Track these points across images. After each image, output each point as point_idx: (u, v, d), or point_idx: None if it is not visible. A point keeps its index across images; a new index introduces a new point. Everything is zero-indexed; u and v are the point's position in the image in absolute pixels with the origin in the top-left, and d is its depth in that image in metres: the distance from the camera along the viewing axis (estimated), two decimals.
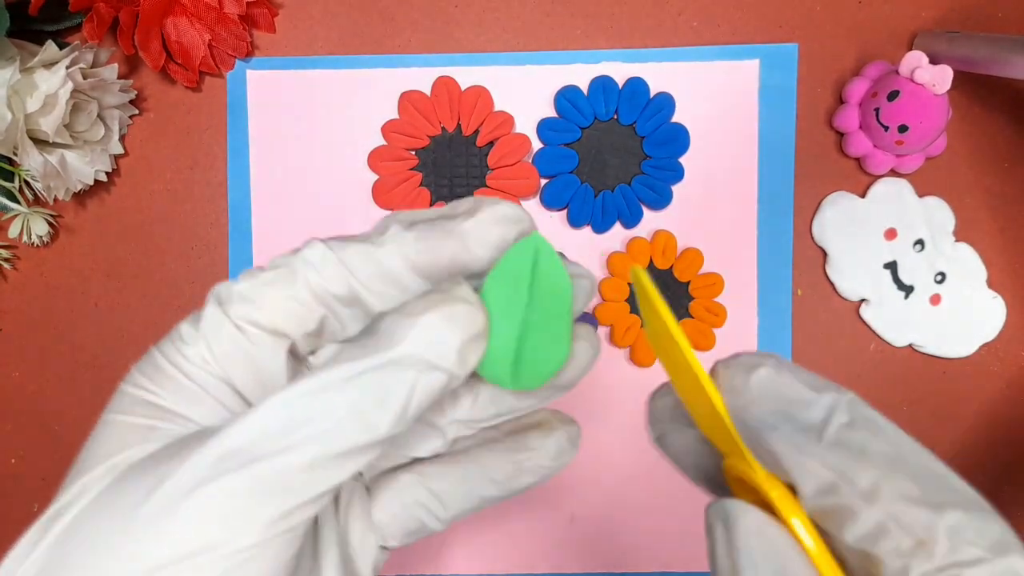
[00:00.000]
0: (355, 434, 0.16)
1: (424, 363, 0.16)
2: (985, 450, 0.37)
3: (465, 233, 0.18)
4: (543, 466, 0.21)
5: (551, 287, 0.18)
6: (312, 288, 0.18)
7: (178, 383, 0.18)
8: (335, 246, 0.18)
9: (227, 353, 0.18)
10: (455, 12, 0.36)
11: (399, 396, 0.16)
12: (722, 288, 0.36)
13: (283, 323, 0.18)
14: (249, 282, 0.18)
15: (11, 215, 0.35)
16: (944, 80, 0.32)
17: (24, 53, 0.32)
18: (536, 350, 0.18)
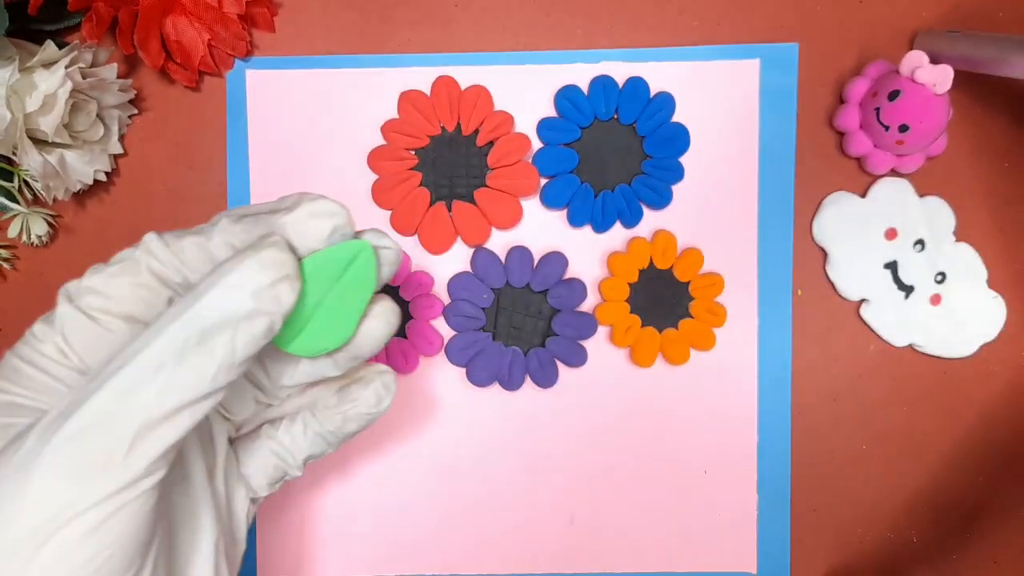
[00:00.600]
0: (185, 387, 0.17)
1: (242, 306, 0.18)
2: (985, 450, 0.37)
3: (283, 226, 0.20)
4: (364, 413, 0.25)
5: (358, 282, 0.22)
6: (155, 273, 0.20)
7: (36, 380, 0.20)
8: (169, 238, 0.21)
9: (86, 343, 0.20)
10: (455, 12, 0.36)
11: (222, 342, 0.18)
12: (722, 288, 0.36)
13: (134, 308, 0.20)
14: (96, 276, 0.20)
15: (10, 215, 0.35)
16: (945, 80, 0.32)
17: (23, 53, 0.32)
18: (322, 328, 0.22)
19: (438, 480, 0.37)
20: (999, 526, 0.37)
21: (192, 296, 0.18)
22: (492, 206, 0.35)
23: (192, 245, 0.21)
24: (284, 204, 0.21)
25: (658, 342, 0.36)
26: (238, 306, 0.18)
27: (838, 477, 0.37)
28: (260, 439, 0.25)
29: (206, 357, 0.18)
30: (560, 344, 0.35)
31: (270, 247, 0.19)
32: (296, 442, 0.25)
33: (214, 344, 0.18)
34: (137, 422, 0.17)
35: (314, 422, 0.25)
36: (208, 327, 0.18)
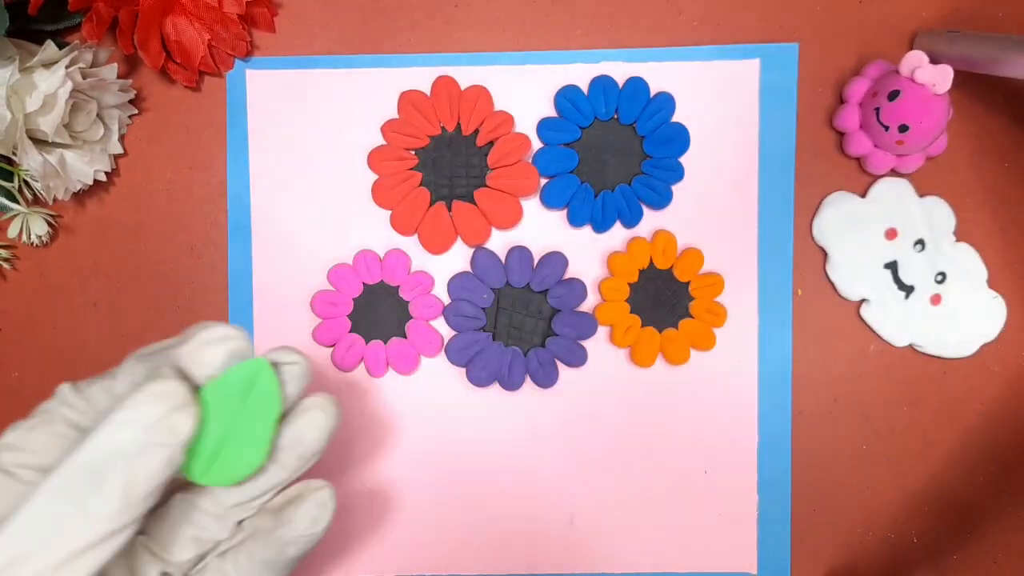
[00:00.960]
0: (85, 531, 0.17)
1: (134, 441, 0.18)
2: (985, 450, 0.37)
3: (180, 357, 0.21)
4: (303, 535, 0.23)
5: (262, 403, 0.21)
6: (69, 422, 0.21)
7: None
8: (81, 385, 0.21)
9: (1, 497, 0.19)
10: (455, 12, 0.36)
11: (116, 480, 0.17)
12: (722, 288, 0.36)
13: (50, 458, 0.20)
14: (13, 432, 0.21)
15: (10, 215, 0.35)
16: (945, 80, 0.32)
17: (23, 53, 0.32)
18: (233, 454, 0.21)
19: (438, 480, 0.37)
20: (999, 526, 0.37)
21: (83, 437, 0.18)
22: (492, 206, 0.35)
23: (101, 390, 0.21)
24: (183, 336, 0.21)
25: (658, 342, 0.36)
26: (130, 441, 0.18)
27: (838, 477, 0.37)
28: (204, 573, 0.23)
29: (100, 496, 0.17)
30: (560, 344, 0.35)
31: (158, 379, 0.19)
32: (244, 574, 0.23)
33: (108, 482, 0.17)
34: (35, 570, 0.16)
35: (258, 550, 0.23)
36: (99, 466, 0.17)
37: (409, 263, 0.36)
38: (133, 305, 0.37)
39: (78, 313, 0.37)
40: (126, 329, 0.37)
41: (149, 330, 0.37)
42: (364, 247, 0.36)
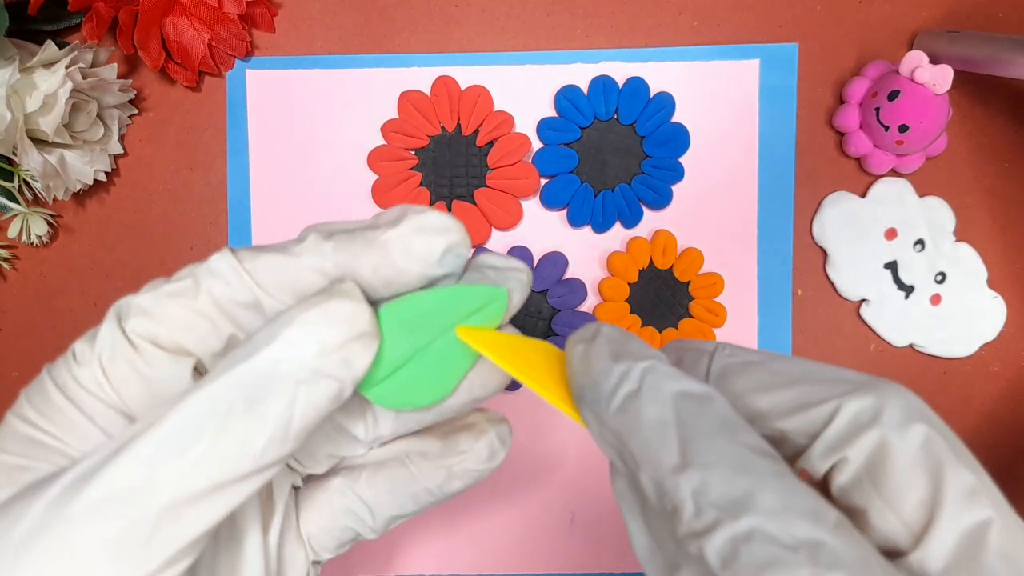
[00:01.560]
0: (226, 462, 0.14)
1: (303, 367, 0.15)
2: (985, 450, 0.37)
3: (387, 243, 0.16)
4: (475, 469, 0.20)
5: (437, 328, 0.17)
6: (217, 301, 0.16)
7: (65, 413, 0.16)
8: (244, 256, 0.17)
9: (123, 376, 0.16)
10: (455, 12, 0.36)
11: (276, 412, 0.15)
12: (722, 288, 0.36)
13: (185, 339, 0.16)
14: (151, 294, 0.16)
15: (10, 215, 0.35)
16: (944, 80, 0.32)
17: (23, 53, 0.32)
18: (417, 379, 0.17)
19: None
20: None
21: (245, 349, 0.15)
22: (492, 206, 0.35)
23: (270, 265, 0.17)
24: (384, 219, 0.17)
25: (658, 342, 0.36)
26: (300, 366, 0.15)
27: None
28: (331, 492, 0.20)
29: (254, 426, 0.14)
30: (560, 344, 0.35)
31: (340, 296, 0.15)
32: (380, 500, 0.20)
33: (265, 411, 0.14)
34: (164, 500, 0.14)
35: (406, 476, 0.20)
36: (259, 388, 0.14)
37: None
38: None
39: (78, 313, 0.37)
40: None
41: None
42: None
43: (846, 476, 0.14)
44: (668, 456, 0.14)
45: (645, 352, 0.16)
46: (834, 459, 0.14)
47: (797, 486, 0.13)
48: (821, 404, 0.15)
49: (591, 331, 0.17)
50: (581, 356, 0.16)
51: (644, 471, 0.14)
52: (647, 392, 0.15)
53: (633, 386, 0.15)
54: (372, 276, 0.16)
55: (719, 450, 0.14)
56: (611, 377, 0.15)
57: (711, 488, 0.13)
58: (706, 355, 0.17)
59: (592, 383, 0.16)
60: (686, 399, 0.15)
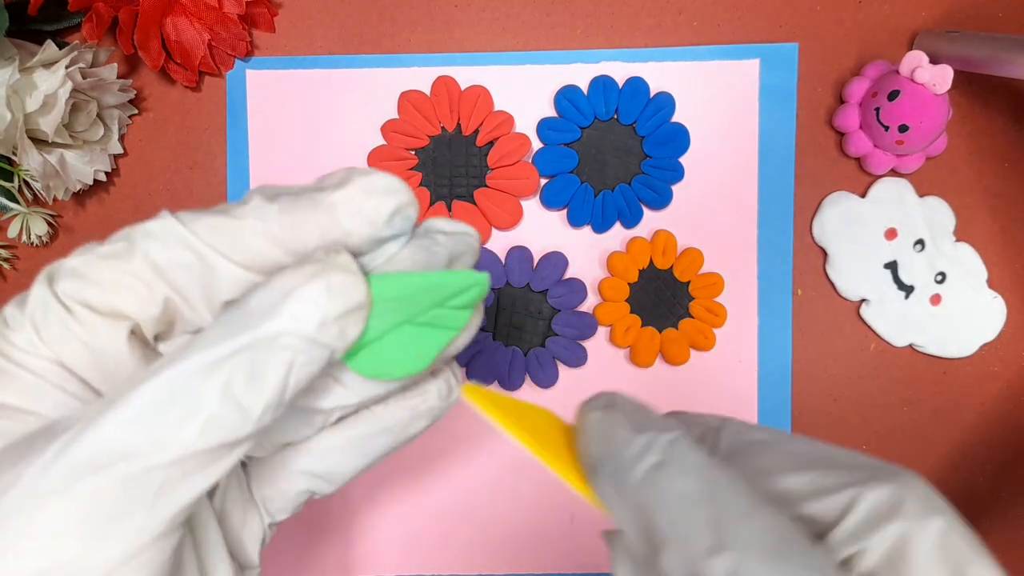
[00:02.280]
0: (227, 426, 0.14)
1: (301, 338, 0.15)
2: (985, 450, 0.37)
3: (334, 204, 0.16)
4: (434, 407, 0.21)
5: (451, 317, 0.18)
6: (153, 263, 0.16)
7: (11, 374, 0.16)
8: (185, 217, 0.16)
9: (58, 339, 0.16)
10: (455, 12, 0.36)
11: (275, 378, 0.15)
12: (722, 288, 0.36)
13: (119, 302, 0.16)
14: (83, 256, 0.16)
15: (10, 215, 0.35)
16: (944, 80, 0.32)
17: (23, 53, 0.32)
18: (395, 351, 0.17)
19: (438, 480, 0.37)
20: (999, 526, 0.37)
21: (242, 316, 0.15)
22: (492, 206, 0.35)
23: (212, 227, 0.16)
24: (330, 181, 0.17)
25: (658, 342, 0.36)
26: (301, 336, 0.15)
27: None
28: (286, 457, 0.20)
29: (254, 392, 0.15)
30: (560, 344, 0.35)
31: (340, 270, 0.16)
32: (340, 456, 0.20)
33: (266, 377, 0.15)
34: (169, 458, 0.14)
35: (367, 426, 0.20)
36: (261, 358, 0.15)
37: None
38: None
39: None
40: None
41: None
42: None
43: (867, 564, 0.14)
44: (700, 535, 0.14)
45: (667, 424, 0.16)
46: (854, 548, 0.14)
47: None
48: (840, 491, 0.15)
49: (605, 400, 0.16)
50: (598, 424, 0.16)
51: (671, 550, 0.14)
52: (675, 464, 0.15)
53: (659, 457, 0.15)
54: (319, 238, 0.16)
55: (754, 531, 0.13)
56: (633, 447, 0.15)
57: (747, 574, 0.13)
58: (712, 430, 0.17)
59: (612, 453, 0.15)
60: (715, 473, 0.14)
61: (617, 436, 0.16)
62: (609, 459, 0.15)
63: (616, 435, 0.16)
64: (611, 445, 0.16)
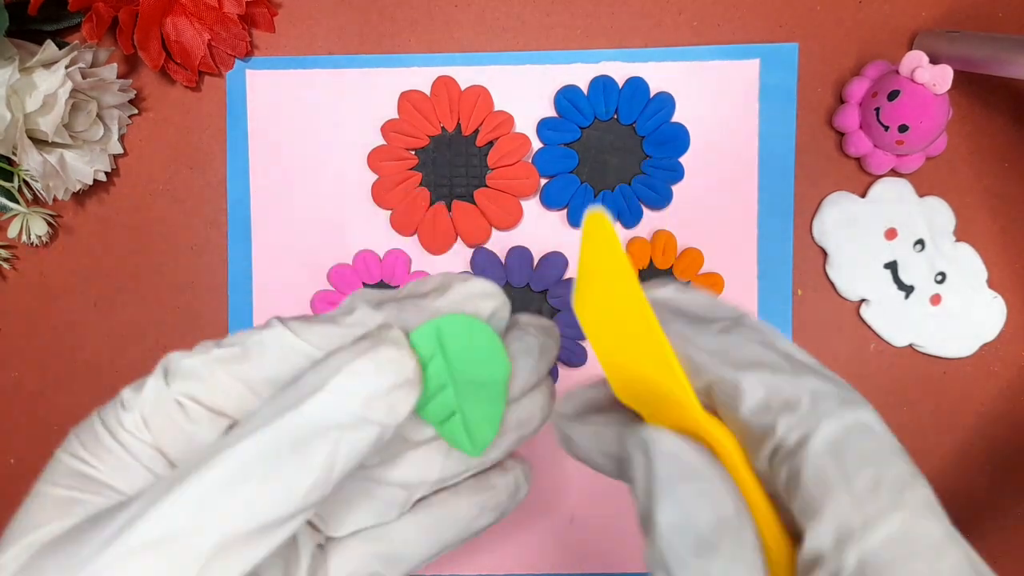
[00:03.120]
0: (272, 503, 0.15)
1: (349, 414, 0.15)
2: (985, 450, 0.37)
3: (438, 311, 0.17)
4: (502, 503, 0.21)
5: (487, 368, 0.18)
6: (264, 372, 0.17)
7: (111, 451, 0.17)
8: (295, 326, 0.17)
9: (162, 427, 0.17)
10: (455, 12, 0.36)
11: (321, 454, 0.15)
12: (722, 288, 0.36)
13: (226, 405, 0.17)
14: (200, 358, 0.17)
15: (10, 215, 0.35)
16: (944, 80, 0.32)
17: (23, 53, 0.32)
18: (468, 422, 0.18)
19: None
20: (999, 526, 0.37)
21: (291, 395, 0.15)
22: (492, 206, 0.35)
23: (322, 336, 0.17)
24: (427, 287, 0.18)
25: None
26: (347, 413, 0.15)
27: None
28: (365, 539, 0.20)
29: (300, 470, 0.15)
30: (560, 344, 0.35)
31: (387, 344, 0.16)
32: (415, 543, 0.20)
33: (311, 455, 0.15)
34: (213, 540, 0.14)
35: (441, 515, 0.20)
36: (306, 434, 0.15)
37: (409, 263, 0.36)
38: (133, 305, 0.37)
39: (78, 313, 0.37)
40: (126, 329, 0.37)
41: (149, 329, 0.37)
42: (364, 247, 0.36)
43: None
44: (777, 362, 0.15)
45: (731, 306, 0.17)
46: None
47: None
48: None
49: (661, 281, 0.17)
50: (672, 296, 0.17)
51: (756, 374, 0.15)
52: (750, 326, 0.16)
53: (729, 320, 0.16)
54: None
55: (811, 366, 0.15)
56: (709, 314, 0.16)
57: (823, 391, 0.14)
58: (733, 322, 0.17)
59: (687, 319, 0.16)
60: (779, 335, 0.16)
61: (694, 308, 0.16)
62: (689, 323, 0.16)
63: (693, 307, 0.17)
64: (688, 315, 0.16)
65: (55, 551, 0.15)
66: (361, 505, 0.19)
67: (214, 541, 0.14)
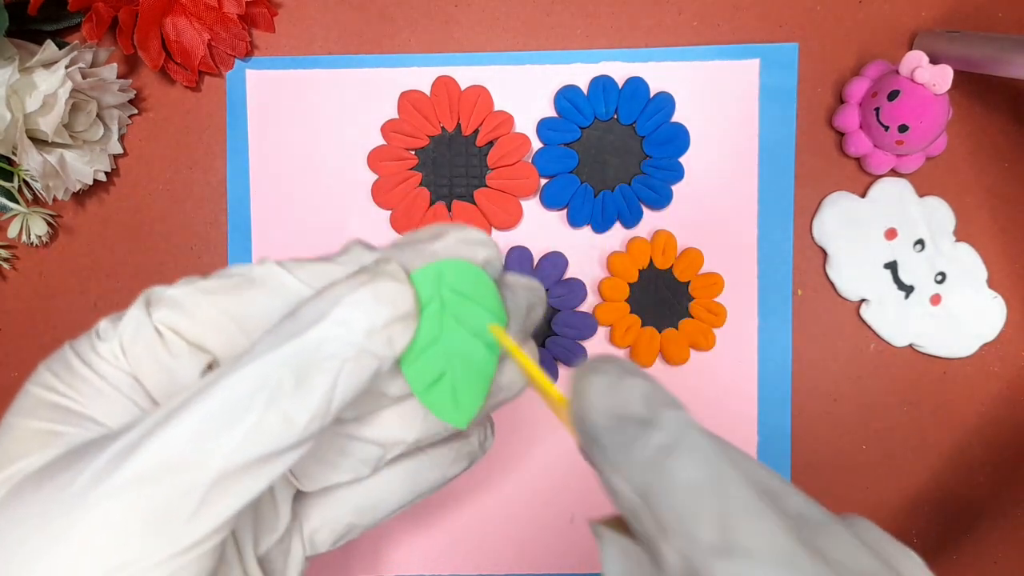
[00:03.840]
0: (273, 435, 0.15)
1: (349, 345, 0.15)
2: (985, 450, 0.37)
3: (435, 253, 0.17)
4: (474, 451, 0.21)
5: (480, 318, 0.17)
6: (253, 308, 0.17)
7: (88, 382, 0.17)
8: (289, 264, 0.17)
9: (139, 357, 0.17)
10: (455, 12, 0.36)
11: (322, 385, 0.15)
12: (722, 288, 0.36)
13: (209, 338, 0.17)
14: (184, 288, 0.17)
15: (10, 215, 0.35)
16: (944, 80, 0.32)
17: (23, 53, 0.32)
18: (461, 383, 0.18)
19: None
20: (999, 526, 0.37)
21: (291, 325, 0.15)
22: (492, 206, 0.35)
23: (315, 274, 0.17)
24: (425, 234, 0.18)
25: (658, 342, 0.36)
26: (348, 344, 0.15)
27: (838, 477, 0.37)
28: (340, 491, 0.20)
29: (300, 401, 0.15)
30: (560, 344, 0.35)
31: (387, 277, 0.16)
32: (390, 492, 0.20)
33: (312, 385, 0.15)
34: (214, 471, 0.14)
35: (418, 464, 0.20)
36: (307, 364, 0.15)
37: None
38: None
39: (78, 313, 0.37)
40: None
41: None
42: None
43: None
44: (705, 531, 0.13)
45: (675, 400, 0.15)
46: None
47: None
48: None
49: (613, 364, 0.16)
50: (601, 390, 0.15)
51: (671, 541, 0.13)
52: (684, 448, 0.14)
53: (667, 439, 0.14)
54: None
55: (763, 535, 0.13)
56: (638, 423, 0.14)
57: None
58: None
59: (615, 426, 0.15)
60: (726, 462, 0.14)
61: (621, 407, 0.15)
62: (610, 432, 0.15)
63: (620, 406, 0.15)
64: (613, 416, 0.15)
65: (38, 485, 0.15)
66: (337, 462, 0.19)
67: (215, 471, 0.14)
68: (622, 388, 0.15)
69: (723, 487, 0.13)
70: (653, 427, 0.14)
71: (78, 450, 0.15)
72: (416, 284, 0.17)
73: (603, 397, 0.15)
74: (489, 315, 0.18)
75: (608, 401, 0.15)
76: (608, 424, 0.15)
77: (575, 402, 0.16)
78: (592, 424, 0.15)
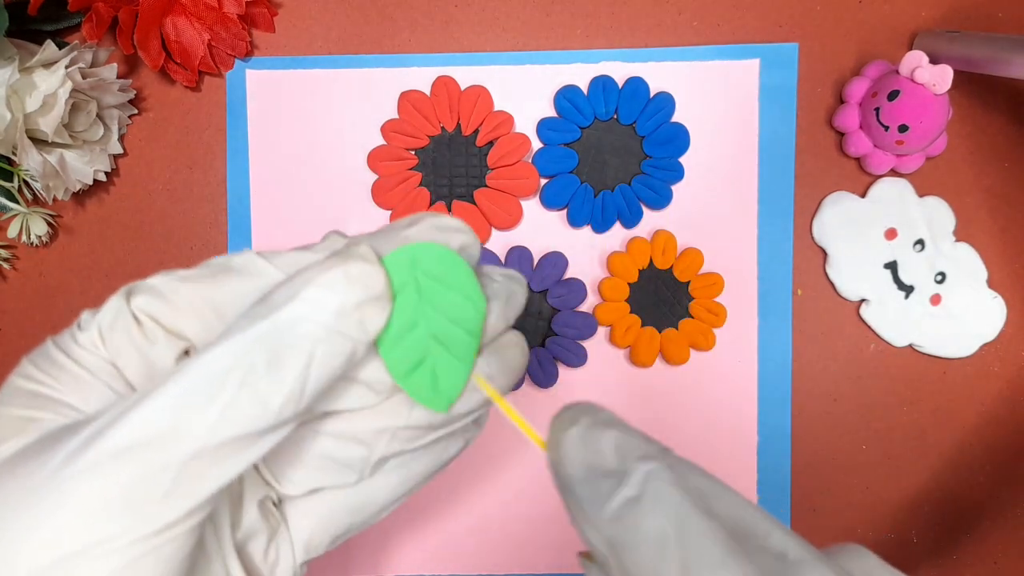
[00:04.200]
0: (246, 416, 0.14)
1: (321, 326, 0.15)
2: (985, 450, 0.37)
3: (408, 238, 0.17)
4: (469, 434, 0.21)
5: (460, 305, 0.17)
6: (230, 295, 0.17)
7: (66, 370, 0.17)
8: (267, 254, 0.17)
9: (119, 342, 0.17)
10: (455, 12, 0.36)
11: (295, 366, 0.15)
12: (722, 288, 0.36)
13: (187, 325, 0.17)
14: (163, 277, 0.17)
15: (10, 215, 0.35)
16: (944, 80, 0.32)
17: (23, 53, 0.32)
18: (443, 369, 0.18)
19: (438, 481, 0.37)
20: (999, 526, 0.37)
21: (262, 307, 0.15)
22: (492, 206, 0.35)
23: (293, 262, 0.17)
24: (402, 222, 0.18)
25: (658, 342, 0.36)
26: (319, 324, 0.15)
27: (838, 477, 0.37)
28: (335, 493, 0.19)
29: (274, 383, 0.15)
30: (560, 344, 0.35)
31: (357, 259, 0.16)
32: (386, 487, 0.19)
33: (284, 369, 0.15)
34: (187, 449, 0.14)
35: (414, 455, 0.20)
36: (278, 345, 0.15)
37: None
38: None
39: (78, 313, 0.36)
40: None
41: None
42: None
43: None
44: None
45: (648, 449, 0.15)
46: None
47: None
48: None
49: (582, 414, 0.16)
50: (575, 443, 0.15)
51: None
52: (650, 501, 0.14)
53: (634, 492, 0.14)
54: None
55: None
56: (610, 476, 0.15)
57: None
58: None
59: (588, 479, 0.15)
60: (691, 515, 0.14)
61: (593, 459, 0.15)
62: (582, 484, 0.15)
63: (592, 458, 0.15)
64: (586, 467, 0.15)
65: (14, 467, 0.15)
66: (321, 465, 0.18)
67: (189, 449, 0.14)
68: (595, 440, 0.16)
69: (685, 540, 0.14)
70: (623, 480, 0.15)
71: (54, 434, 0.15)
72: (388, 267, 0.16)
73: (577, 449, 0.16)
74: (467, 301, 0.17)
75: (581, 453, 0.16)
76: (581, 476, 0.15)
77: (551, 452, 0.16)
78: (566, 476, 0.16)
